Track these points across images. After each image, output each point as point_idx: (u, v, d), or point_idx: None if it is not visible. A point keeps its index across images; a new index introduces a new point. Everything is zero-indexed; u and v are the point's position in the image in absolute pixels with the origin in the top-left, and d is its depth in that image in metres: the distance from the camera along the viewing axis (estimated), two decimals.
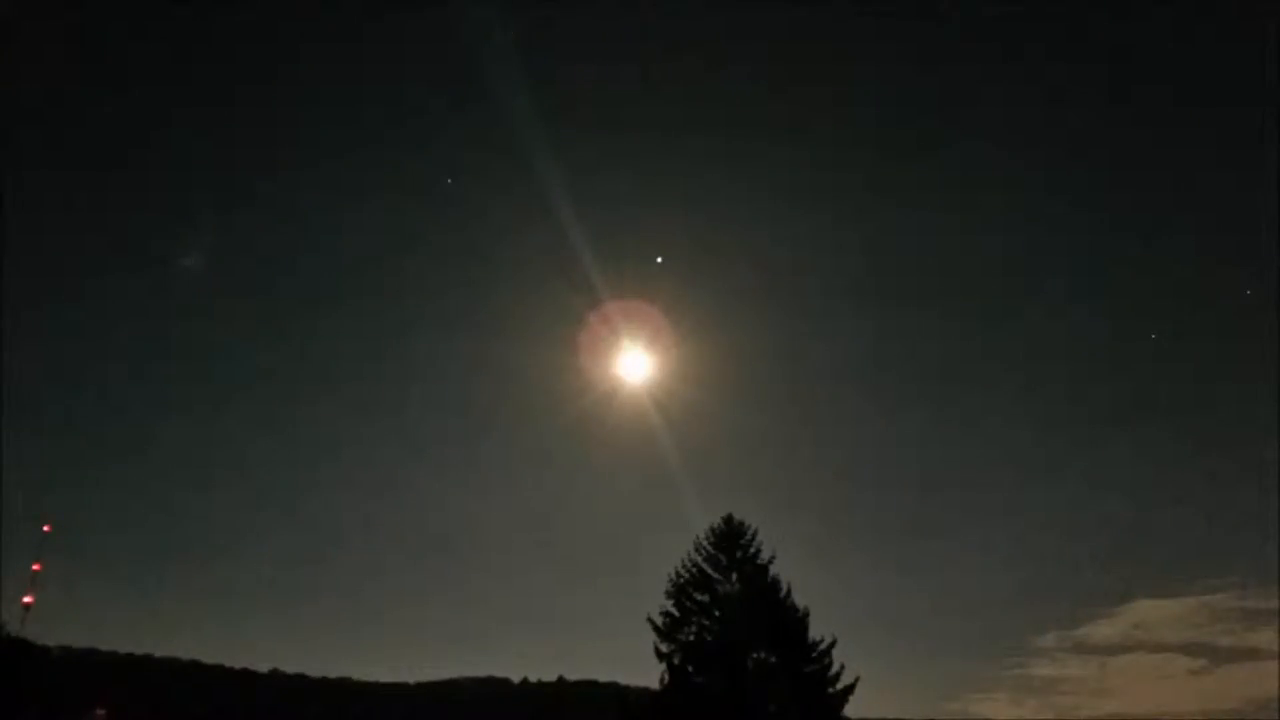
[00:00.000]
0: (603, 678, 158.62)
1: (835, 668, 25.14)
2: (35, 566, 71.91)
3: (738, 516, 27.84)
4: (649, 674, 26.18)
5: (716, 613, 26.07)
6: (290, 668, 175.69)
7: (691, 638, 25.88)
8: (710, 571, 26.93)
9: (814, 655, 25.31)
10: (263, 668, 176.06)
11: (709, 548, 27.41)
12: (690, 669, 25.46)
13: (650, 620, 26.32)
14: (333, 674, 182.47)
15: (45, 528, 74.20)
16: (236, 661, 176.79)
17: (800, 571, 27.47)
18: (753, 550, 27.22)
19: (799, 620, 25.94)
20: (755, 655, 25.31)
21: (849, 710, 25.13)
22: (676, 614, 26.33)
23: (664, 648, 25.86)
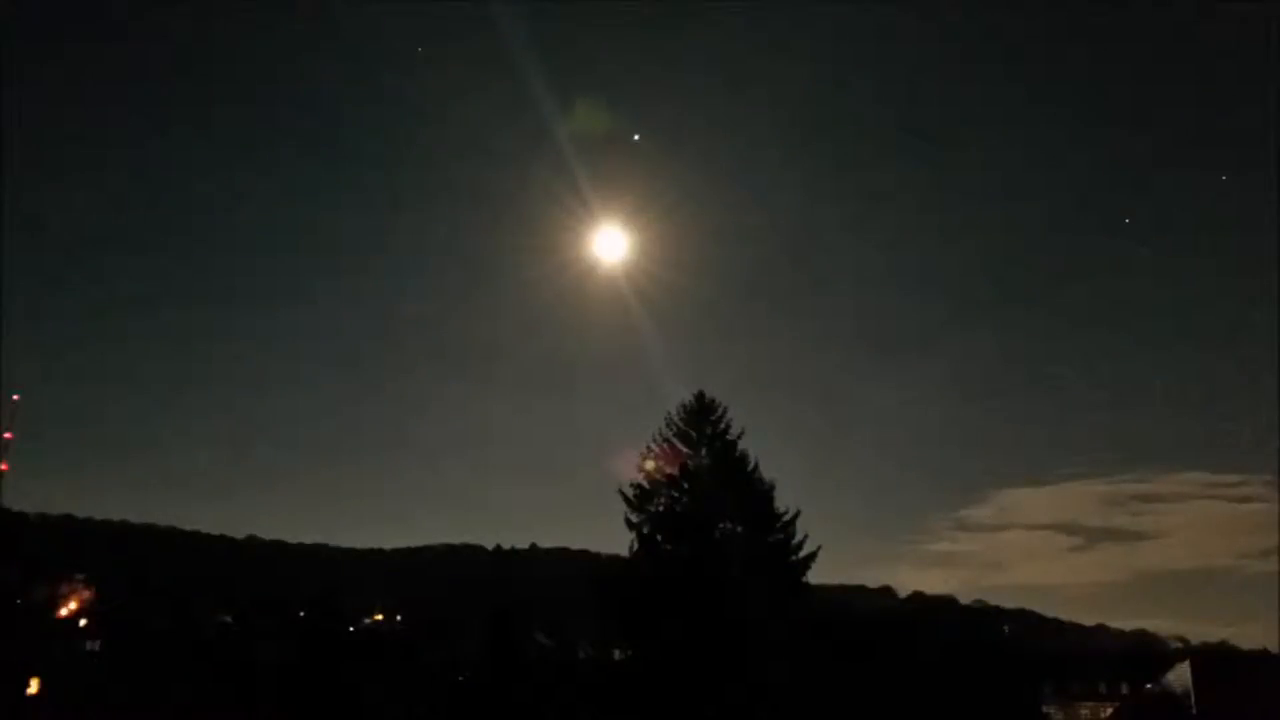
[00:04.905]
0: (574, 545, 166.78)
1: (799, 537, 26.03)
2: (7, 435, 71.90)
3: (709, 394, 27.89)
4: (620, 544, 27.03)
5: (686, 485, 26.50)
6: (267, 534, 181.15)
7: (661, 509, 26.42)
8: (680, 446, 27.17)
9: (778, 526, 26.08)
10: (240, 534, 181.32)
11: (679, 423, 27.47)
12: (659, 538, 26.15)
13: (621, 492, 26.75)
14: (309, 540, 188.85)
15: (14, 397, 73.81)
16: (214, 528, 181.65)
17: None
18: (723, 426, 27.37)
19: (765, 493, 26.50)
20: (722, 525, 25.99)
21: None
22: (646, 486, 26.75)
23: (634, 518, 26.41)
